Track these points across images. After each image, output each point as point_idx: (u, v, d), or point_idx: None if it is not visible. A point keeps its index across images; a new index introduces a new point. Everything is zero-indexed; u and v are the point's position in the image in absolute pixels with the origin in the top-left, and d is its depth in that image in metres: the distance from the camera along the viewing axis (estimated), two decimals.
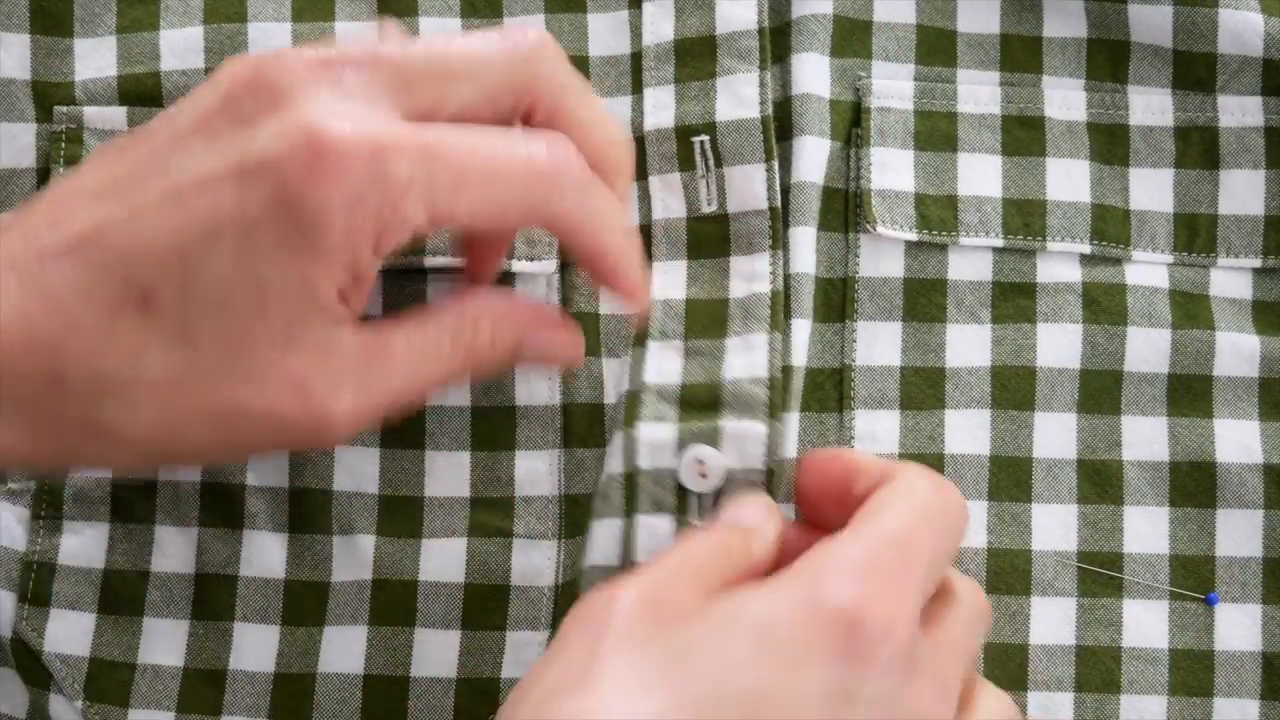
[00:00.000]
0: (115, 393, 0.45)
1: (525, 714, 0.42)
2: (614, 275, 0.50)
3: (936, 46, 0.57)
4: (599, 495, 0.52)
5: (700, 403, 0.53)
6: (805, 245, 0.54)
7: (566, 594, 0.54)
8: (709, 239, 0.55)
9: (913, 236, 0.55)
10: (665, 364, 0.54)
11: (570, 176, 0.47)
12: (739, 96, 0.55)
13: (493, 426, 0.54)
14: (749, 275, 0.54)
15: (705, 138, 0.55)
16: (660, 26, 0.56)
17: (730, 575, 0.46)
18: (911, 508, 0.46)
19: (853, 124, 0.56)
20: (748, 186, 0.55)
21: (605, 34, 0.57)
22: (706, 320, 0.54)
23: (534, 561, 0.54)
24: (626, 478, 0.52)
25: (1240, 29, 0.55)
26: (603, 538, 0.52)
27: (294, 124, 0.44)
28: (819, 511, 0.50)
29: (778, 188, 0.54)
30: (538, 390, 0.55)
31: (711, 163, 0.55)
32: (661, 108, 0.56)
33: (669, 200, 0.55)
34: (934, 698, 0.45)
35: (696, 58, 0.56)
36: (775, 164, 0.54)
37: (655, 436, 0.52)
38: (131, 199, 0.45)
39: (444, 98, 0.47)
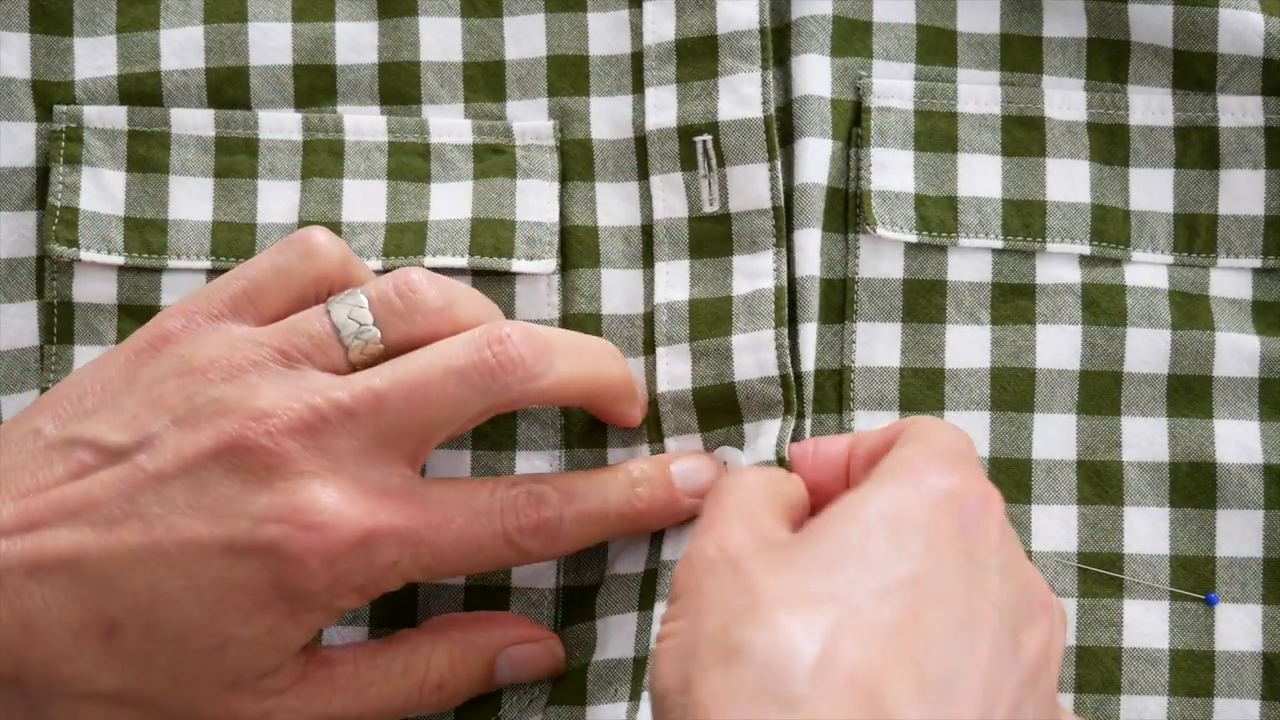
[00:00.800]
0: (66, 701, 0.48)
1: (707, 656, 0.42)
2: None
3: (937, 46, 0.56)
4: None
5: (718, 406, 0.53)
6: (810, 248, 0.54)
7: (568, 598, 0.54)
8: (712, 238, 0.55)
9: (912, 238, 0.55)
10: (676, 368, 0.54)
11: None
12: (741, 96, 0.55)
13: (493, 425, 0.54)
14: (752, 273, 0.54)
15: (708, 137, 0.55)
16: (661, 26, 0.56)
17: (786, 506, 0.47)
18: (946, 428, 0.48)
19: (853, 123, 0.56)
20: (750, 186, 0.55)
21: (606, 33, 0.57)
22: (710, 319, 0.54)
23: (536, 564, 0.54)
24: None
25: (1241, 29, 0.55)
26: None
27: (287, 507, 0.47)
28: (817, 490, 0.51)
29: (780, 187, 0.54)
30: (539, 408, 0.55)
31: (714, 162, 0.55)
32: (663, 107, 0.56)
33: (671, 200, 0.55)
34: (1032, 568, 0.46)
35: (698, 57, 0.56)
36: (778, 163, 0.54)
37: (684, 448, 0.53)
38: (110, 536, 0.47)
39: (427, 443, 0.49)
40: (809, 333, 0.54)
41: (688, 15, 0.56)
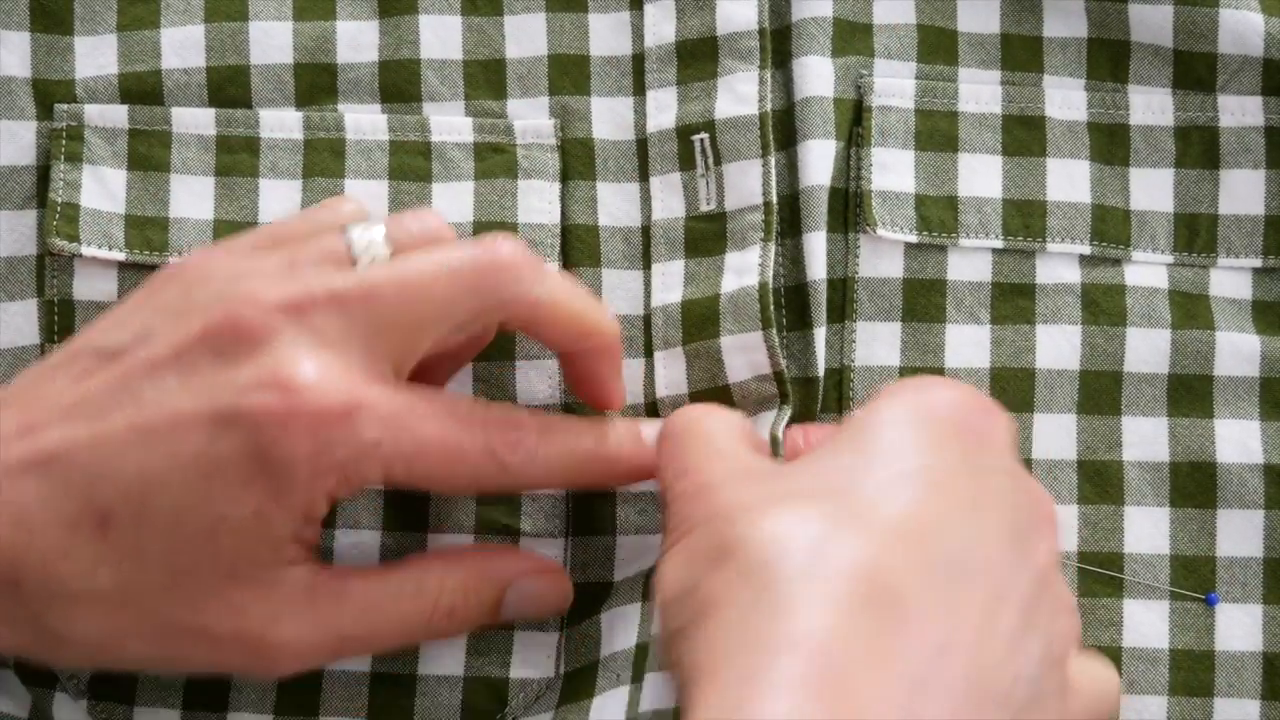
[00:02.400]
0: (64, 601, 0.47)
1: (703, 560, 0.42)
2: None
3: (937, 45, 0.56)
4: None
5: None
6: (818, 251, 0.54)
7: (576, 594, 0.54)
8: (706, 237, 0.55)
9: (913, 238, 0.55)
10: (672, 373, 0.54)
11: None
12: (738, 94, 0.55)
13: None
14: (740, 269, 0.54)
15: (704, 135, 0.55)
16: (662, 28, 0.56)
17: (759, 443, 0.49)
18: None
19: (854, 122, 0.56)
20: (744, 182, 0.55)
21: (607, 34, 0.57)
22: (700, 321, 0.54)
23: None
24: None
25: (1241, 29, 0.55)
26: None
27: (270, 375, 0.46)
28: None
29: (773, 183, 0.54)
30: (539, 388, 0.55)
31: (711, 161, 0.55)
32: (664, 109, 0.56)
33: (669, 200, 0.55)
34: (1036, 482, 0.47)
35: (698, 59, 0.56)
36: (772, 159, 0.54)
37: None
38: (101, 423, 0.47)
39: (416, 343, 0.49)
40: (819, 337, 0.54)
41: (688, 17, 0.56)
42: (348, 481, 0.47)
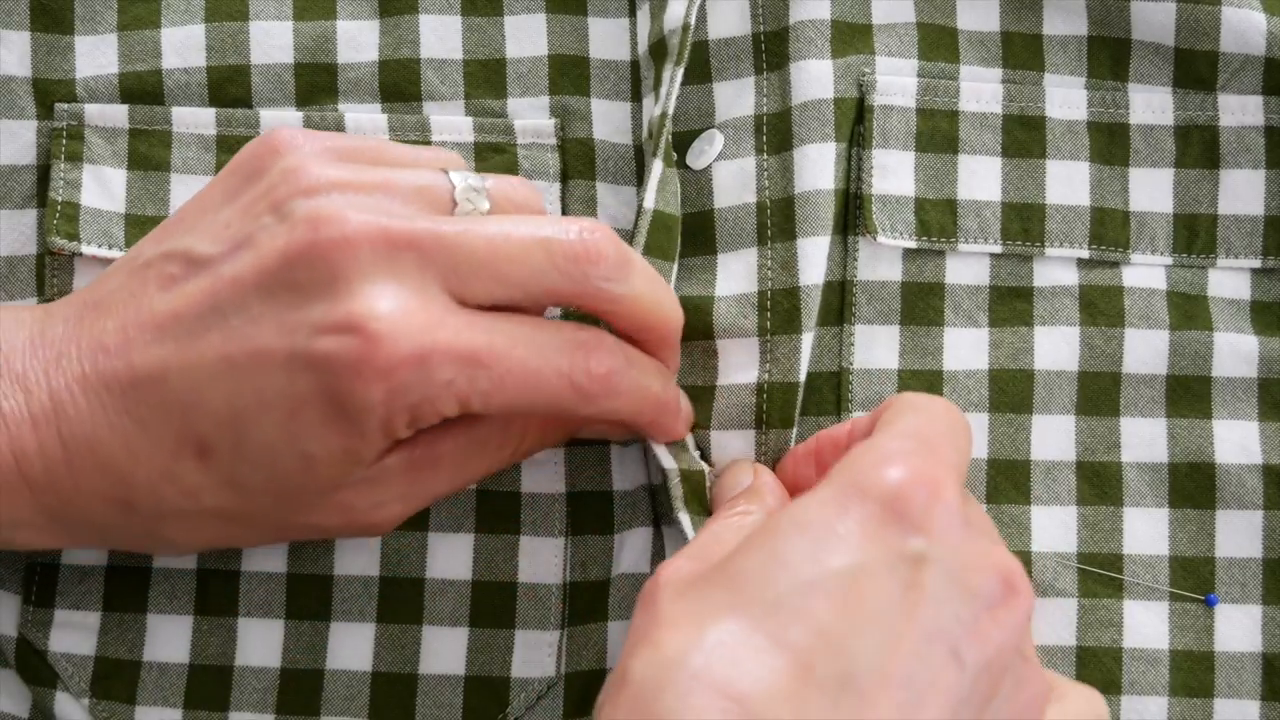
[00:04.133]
0: (176, 518, 0.49)
1: (609, 687, 0.42)
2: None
3: (939, 43, 0.56)
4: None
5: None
6: (816, 256, 0.54)
7: (575, 594, 0.54)
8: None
9: (912, 244, 0.55)
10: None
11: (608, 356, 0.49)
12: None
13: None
14: (734, 274, 0.54)
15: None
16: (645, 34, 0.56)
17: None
18: (922, 409, 0.48)
19: (856, 121, 0.56)
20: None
21: (606, 39, 0.57)
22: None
23: (541, 559, 0.54)
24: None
25: (1243, 28, 0.55)
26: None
27: (345, 318, 0.45)
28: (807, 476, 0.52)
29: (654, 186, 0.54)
30: None
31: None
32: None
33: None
34: (998, 549, 0.45)
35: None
36: (662, 166, 0.54)
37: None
38: (193, 348, 0.47)
39: (494, 296, 0.48)
40: (806, 342, 0.53)
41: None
42: (423, 417, 0.47)
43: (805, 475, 0.52)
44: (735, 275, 0.54)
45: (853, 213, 0.55)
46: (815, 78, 0.55)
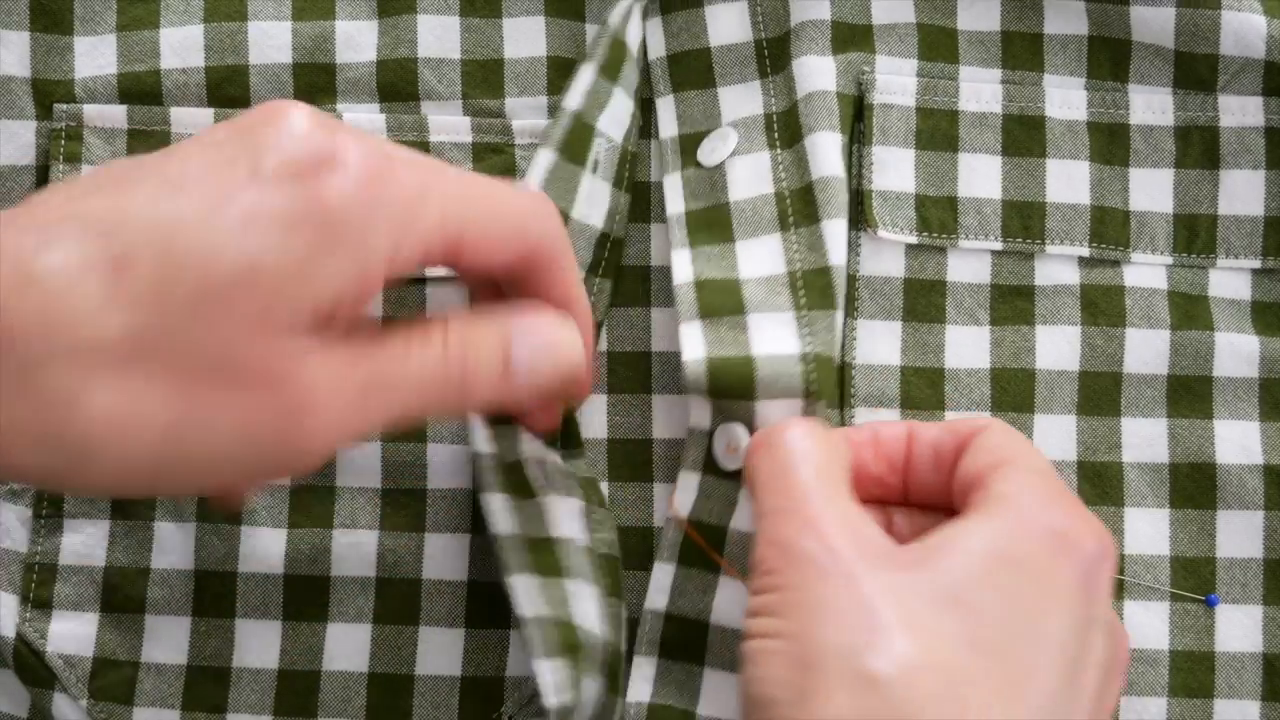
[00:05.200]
0: (65, 358, 0.41)
1: (832, 676, 0.42)
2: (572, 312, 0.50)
3: (938, 43, 0.56)
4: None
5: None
6: (838, 237, 0.53)
7: None
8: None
9: (913, 239, 0.55)
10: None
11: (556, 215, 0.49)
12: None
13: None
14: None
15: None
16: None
17: (850, 480, 0.48)
18: (1034, 453, 0.49)
19: (856, 118, 0.56)
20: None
21: None
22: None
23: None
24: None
25: (1243, 31, 0.55)
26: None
27: (306, 132, 0.44)
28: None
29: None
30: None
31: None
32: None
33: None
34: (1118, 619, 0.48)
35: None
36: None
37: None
38: (130, 185, 0.43)
39: (465, 236, 0.46)
40: (839, 319, 0.52)
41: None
42: (406, 230, 0.44)
43: (866, 462, 0.51)
44: (758, 259, 0.54)
45: (854, 207, 0.55)
46: (817, 70, 0.55)
